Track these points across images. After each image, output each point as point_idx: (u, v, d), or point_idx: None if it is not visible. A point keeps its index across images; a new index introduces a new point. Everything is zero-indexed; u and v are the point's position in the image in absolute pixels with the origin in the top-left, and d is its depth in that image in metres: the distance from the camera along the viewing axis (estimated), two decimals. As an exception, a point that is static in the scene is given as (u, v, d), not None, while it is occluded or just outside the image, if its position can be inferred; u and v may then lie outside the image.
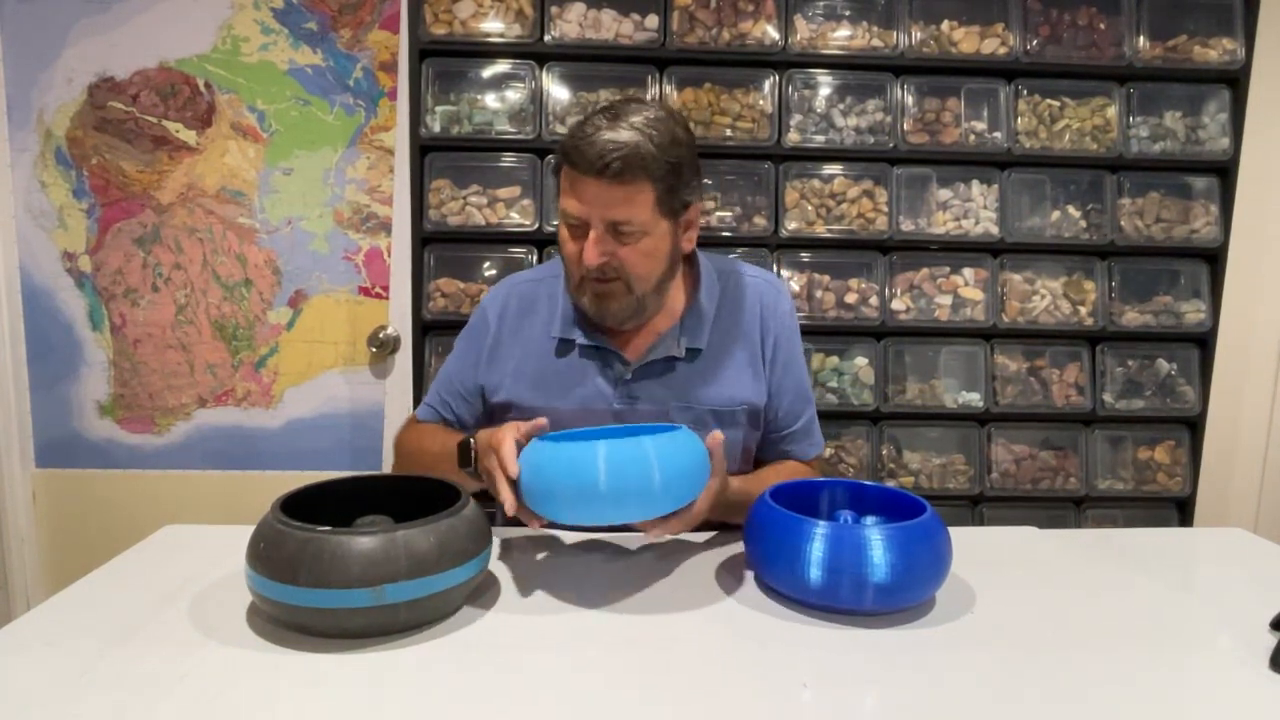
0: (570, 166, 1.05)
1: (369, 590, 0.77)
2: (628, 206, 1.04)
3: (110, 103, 1.89)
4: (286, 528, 0.80)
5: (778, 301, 1.22)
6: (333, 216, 1.96)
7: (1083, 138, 1.85)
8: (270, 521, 0.83)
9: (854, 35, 1.81)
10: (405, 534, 0.80)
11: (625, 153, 1.01)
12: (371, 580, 0.77)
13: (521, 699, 0.72)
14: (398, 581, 0.78)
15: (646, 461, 0.84)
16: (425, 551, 0.80)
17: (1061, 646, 0.82)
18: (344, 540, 0.78)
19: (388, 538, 0.79)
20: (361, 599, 0.77)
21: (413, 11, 1.74)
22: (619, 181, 1.02)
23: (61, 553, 2.02)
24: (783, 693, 0.73)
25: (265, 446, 2.01)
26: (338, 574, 0.77)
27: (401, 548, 0.79)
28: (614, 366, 1.16)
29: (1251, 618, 0.88)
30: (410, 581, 0.79)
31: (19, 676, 0.73)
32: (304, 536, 0.79)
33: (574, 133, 1.06)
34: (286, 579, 0.78)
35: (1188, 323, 1.90)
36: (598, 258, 1.05)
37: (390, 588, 0.78)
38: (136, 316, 1.96)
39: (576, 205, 1.05)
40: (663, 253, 1.10)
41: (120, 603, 0.88)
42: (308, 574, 0.77)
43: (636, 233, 1.06)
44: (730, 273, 1.24)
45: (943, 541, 0.89)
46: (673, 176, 1.06)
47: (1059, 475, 1.91)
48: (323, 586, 0.77)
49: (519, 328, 1.20)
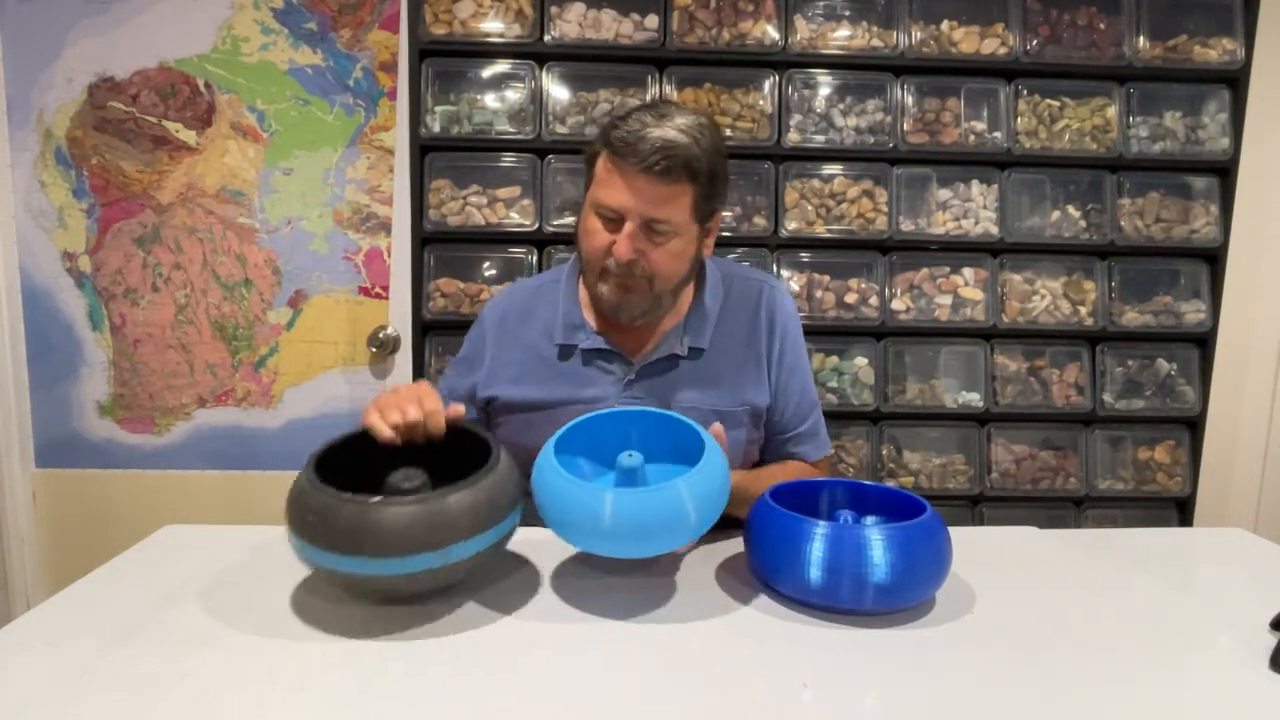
0: (616, 158, 1.05)
1: (437, 553, 0.80)
2: (668, 206, 1.05)
3: (110, 103, 1.89)
4: (340, 501, 0.80)
5: (781, 303, 1.23)
6: (333, 216, 1.96)
7: (1083, 138, 1.85)
8: (316, 495, 0.82)
9: (854, 35, 1.81)
10: (471, 492, 0.82)
11: (677, 152, 1.03)
12: (439, 543, 0.80)
13: (521, 699, 0.72)
14: (462, 540, 0.81)
15: (681, 503, 0.84)
16: (480, 509, 0.83)
17: (1061, 646, 0.82)
18: (416, 509, 0.79)
19: (455, 497, 0.81)
20: (429, 561, 0.80)
21: (413, 11, 1.74)
22: (666, 180, 1.03)
23: (61, 553, 2.02)
24: (783, 693, 0.73)
25: (265, 446, 2.01)
26: (408, 541, 0.78)
27: (467, 507, 0.82)
28: (617, 367, 1.16)
29: (1251, 618, 0.88)
30: (472, 539, 0.82)
31: (19, 676, 0.73)
32: (360, 506, 0.79)
33: (618, 124, 1.06)
34: (352, 550, 0.78)
35: (1188, 323, 1.90)
36: (630, 253, 1.06)
37: (454, 547, 0.80)
38: (136, 316, 1.96)
39: (617, 197, 1.05)
40: (688, 256, 1.11)
41: (120, 603, 0.87)
42: (374, 544, 0.78)
43: (669, 233, 1.07)
44: (732, 275, 1.24)
45: (943, 541, 0.89)
46: (710, 183, 1.08)
47: (1059, 475, 1.91)
48: (392, 555, 0.78)
49: (519, 335, 1.20)
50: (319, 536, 0.80)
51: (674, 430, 0.96)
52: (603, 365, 1.16)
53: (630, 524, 0.83)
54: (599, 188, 1.08)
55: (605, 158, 1.07)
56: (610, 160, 1.06)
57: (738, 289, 1.22)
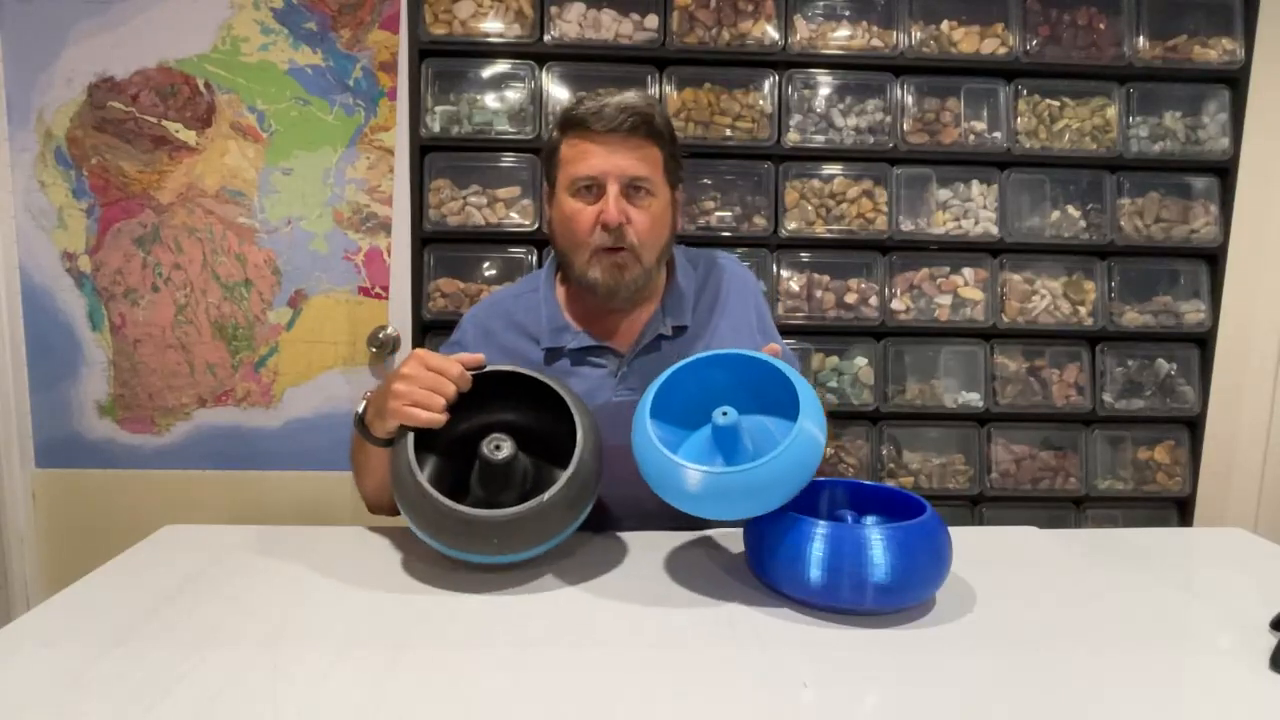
0: (583, 130, 1.09)
1: (542, 546, 0.94)
2: (644, 164, 1.10)
3: (110, 103, 1.89)
4: (467, 515, 0.89)
5: (747, 279, 1.29)
6: (332, 216, 1.96)
7: (1082, 138, 1.85)
8: (440, 505, 0.89)
9: (854, 35, 1.81)
10: (564, 488, 0.91)
11: (641, 111, 1.08)
12: (544, 539, 0.93)
13: (520, 698, 0.72)
14: (564, 530, 0.94)
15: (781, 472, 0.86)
16: (572, 493, 0.92)
17: (1061, 646, 0.82)
18: (527, 512, 0.89)
19: (550, 501, 0.90)
20: (538, 549, 0.94)
21: (412, 11, 1.75)
22: (636, 137, 1.08)
23: (61, 553, 2.02)
24: (783, 693, 0.73)
25: (265, 446, 2.01)
26: (524, 540, 0.91)
27: (561, 502, 0.91)
28: (607, 360, 1.17)
29: (1251, 618, 0.88)
30: (572, 523, 0.95)
31: (19, 676, 0.73)
32: (488, 516, 0.89)
33: (574, 108, 1.11)
34: (480, 550, 0.91)
35: (1188, 323, 1.90)
36: (619, 214, 1.08)
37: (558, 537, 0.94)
38: (136, 316, 1.96)
39: (595, 164, 1.09)
40: (666, 222, 1.15)
41: (120, 603, 0.87)
42: (500, 545, 0.90)
43: (650, 193, 1.11)
44: (700, 257, 1.29)
45: (943, 541, 0.89)
46: (673, 146, 1.14)
47: (1059, 475, 1.91)
48: (512, 552, 0.92)
49: (504, 343, 1.20)
50: (453, 541, 0.91)
51: (754, 371, 0.96)
52: (593, 361, 1.17)
53: (735, 492, 0.86)
54: (571, 165, 1.11)
55: (569, 139, 1.11)
56: (575, 136, 1.10)
57: (708, 270, 1.26)
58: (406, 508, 0.93)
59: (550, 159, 1.15)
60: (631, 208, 1.10)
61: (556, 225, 1.15)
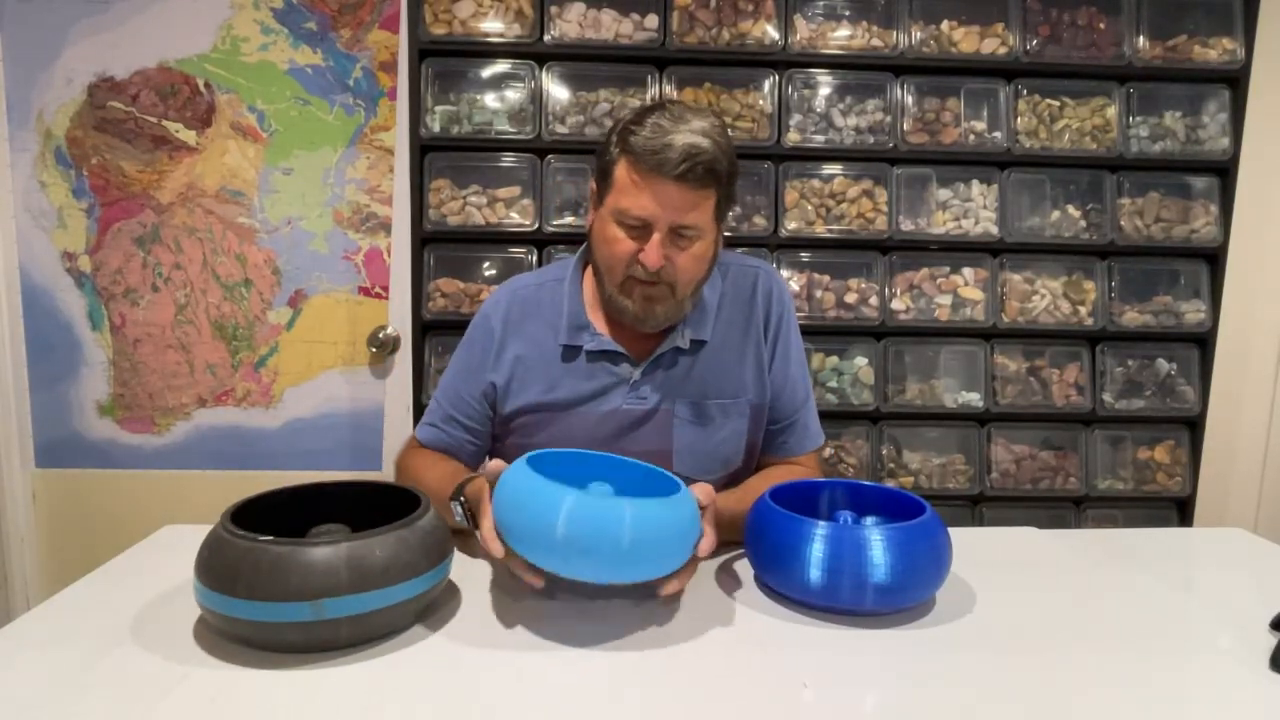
0: (643, 167, 1.03)
1: (307, 604, 0.73)
2: (696, 211, 1.05)
3: (110, 103, 1.89)
4: (229, 536, 0.77)
5: (774, 286, 1.23)
6: (332, 216, 1.96)
7: (1082, 138, 1.85)
8: (217, 529, 0.80)
9: (854, 35, 1.81)
10: (349, 545, 0.76)
11: (706, 159, 1.02)
12: (309, 594, 0.73)
13: (520, 699, 0.72)
14: (339, 596, 0.74)
15: (622, 522, 0.77)
16: (370, 564, 0.76)
17: (1062, 646, 0.82)
18: (283, 551, 0.74)
19: (331, 549, 0.75)
20: (300, 613, 0.73)
21: (412, 11, 1.74)
22: (696, 187, 1.03)
23: (61, 553, 2.02)
24: (783, 693, 0.73)
25: (265, 446, 2.01)
26: (276, 586, 0.73)
27: (343, 560, 0.75)
28: (621, 367, 1.16)
29: (1251, 618, 0.88)
30: (352, 596, 0.74)
31: (19, 676, 0.73)
32: (244, 546, 0.75)
33: (635, 129, 1.03)
34: (227, 590, 0.74)
35: (1187, 323, 1.90)
36: (659, 261, 1.05)
37: (329, 602, 0.74)
38: (136, 316, 1.96)
39: (646, 207, 1.04)
40: (709, 257, 1.11)
41: (120, 603, 0.88)
42: (246, 586, 0.73)
43: (694, 237, 1.06)
44: (727, 264, 1.23)
45: (943, 542, 0.89)
46: (730, 184, 1.09)
47: (1059, 475, 1.91)
48: (260, 599, 0.73)
49: (522, 331, 1.19)
50: (206, 575, 0.77)
51: (659, 483, 0.92)
52: (608, 366, 1.16)
53: (575, 531, 0.77)
54: (623, 196, 1.06)
55: (628, 165, 1.05)
56: (635, 169, 1.04)
57: (733, 277, 1.22)
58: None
59: (604, 174, 1.10)
60: (674, 249, 1.06)
61: (596, 237, 1.12)
